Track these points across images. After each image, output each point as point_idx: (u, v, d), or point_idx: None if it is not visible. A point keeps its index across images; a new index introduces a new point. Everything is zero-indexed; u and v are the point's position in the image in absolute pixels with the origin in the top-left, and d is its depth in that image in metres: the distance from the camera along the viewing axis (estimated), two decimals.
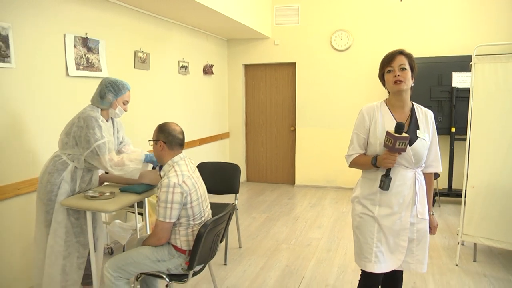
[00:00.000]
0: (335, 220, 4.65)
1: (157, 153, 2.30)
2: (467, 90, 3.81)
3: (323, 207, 5.21)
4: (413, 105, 2.06)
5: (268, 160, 6.67)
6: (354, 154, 2.06)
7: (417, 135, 1.97)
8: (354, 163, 2.08)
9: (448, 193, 5.19)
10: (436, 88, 5.14)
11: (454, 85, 5.04)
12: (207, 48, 5.81)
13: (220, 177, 3.68)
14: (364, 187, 2.08)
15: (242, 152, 6.70)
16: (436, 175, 4.89)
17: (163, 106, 4.69)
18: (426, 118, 2.04)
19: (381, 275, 2.07)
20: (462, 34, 5.37)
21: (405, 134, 1.86)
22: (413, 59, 2.00)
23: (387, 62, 1.99)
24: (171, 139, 2.25)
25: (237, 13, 4.80)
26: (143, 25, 4.24)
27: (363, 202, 2.07)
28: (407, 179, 1.97)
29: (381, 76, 2.05)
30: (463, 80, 5.00)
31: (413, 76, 2.00)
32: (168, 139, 2.24)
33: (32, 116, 2.94)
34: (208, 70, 5.71)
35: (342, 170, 5.76)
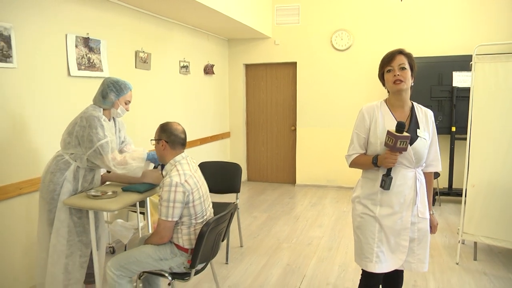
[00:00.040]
0: (336, 219, 4.66)
1: (159, 153, 2.30)
2: (467, 90, 3.82)
3: (324, 206, 5.22)
4: (413, 104, 2.06)
5: (269, 160, 6.68)
6: (355, 154, 2.06)
7: (418, 134, 1.97)
8: (354, 163, 2.07)
9: (448, 192, 5.20)
10: (436, 88, 5.15)
11: (454, 84, 5.05)
12: (208, 48, 5.82)
13: (221, 177, 3.70)
14: (364, 187, 2.08)
15: (243, 151, 6.72)
16: (436, 174, 4.90)
17: (164, 106, 4.70)
18: (426, 117, 2.04)
19: (382, 274, 2.07)
20: (463, 34, 5.38)
21: (406, 133, 1.87)
22: (413, 59, 2.00)
23: (386, 61, 1.99)
24: (173, 139, 2.26)
25: (237, 13, 4.81)
26: (144, 25, 4.25)
27: (363, 202, 2.07)
28: (408, 179, 1.97)
29: (381, 76, 2.05)
30: (463, 79, 5.01)
31: (413, 75, 2.00)
32: (170, 138, 2.25)
33: (34, 116, 2.95)
34: (209, 70, 5.72)
35: (343, 170, 5.76)
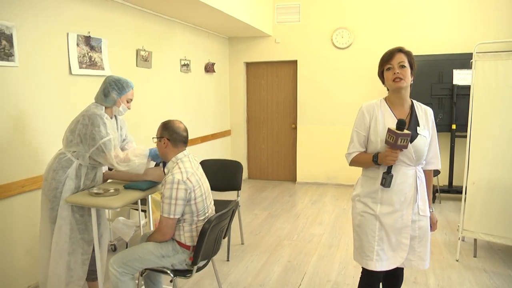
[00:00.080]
0: (336, 217, 4.68)
1: (161, 150, 2.32)
2: (467, 88, 3.83)
3: (324, 204, 5.24)
4: (412, 102, 2.06)
5: (270, 158, 6.69)
6: (355, 152, 2.05)
7: (418, 132, 1.97)
8: (354, 161, 2.07)
9: (448, 190, 5.21)
10: (437, 86, 5.16)
11: (454, 82, 5.06)
12: (209, 46, 5.82)
13: (222, 174, 3.71)
14: (365, 185, 2.08)
15: (244, 149, 6.73)
16: (436, 172, 4.92)
17: (165, 104, 4.71)
18: (426, 115, 2.04)
19: (382, 272, 2.07)
20: (463, 32, 5.38)
21: (406, 131, 1.87)
22: (412, 57, 2.00)
23: (386, 59, 1.99)
24: (175, 137, 2.27)
25: (238, 12, 4.82)
26: (145, 23, 4.26)
27: (364, 201, 2.06)
28: (408, 177, 1.97)
29: (380, 74, 2.05)
30: (463, 77, 5.02)
31: (413, 73, 2.00)
32: (172, 136, 2.26)
33: (36, 114, 2.96)
34: (209, 68, 5.73)
35: (343, 168, 5.77)
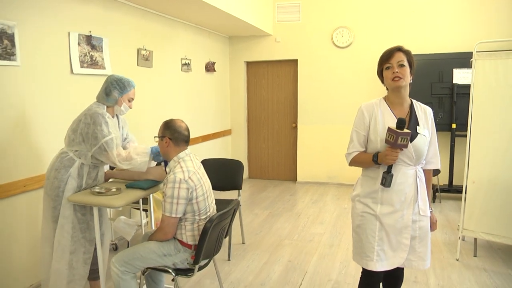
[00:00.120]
0: (337, 216, 4.69)
1: (163, 149, 2.32)
2: (467, 87, 3.84)
3: (325, 203, 5.25)
4: (412, 101, 2.06)
5: (270, 157, 6.70)
6: (354, 152, 2.05)
7: (418, 131, 1.97)
8: (354, 161, 2.06)
9: (448, 189, 5.22)
10: (437, 85, 5.17)
11: (455, 81, 5.07)
12: (209, 45, 5.83)
13: (223, 174, 3.72)
14: (365, 185, 2.07)
15: (244, 149, 6.74)
16: (437, 171, 4.93)
17: (165, 103, 4.72)
18: (425, 114, 2.03)
19: (382, 272, 2.07)
20: (463, 31, 5.39)
21: (406, 130, 1.87)
22: (412, 56, 2.00)
23: (385, 59, 1.99)
24: (177, 136, 2.28)
25: (238, 11, 4.82)
26: (146, 23, 4.26)
27: (364, 201, 2.06)
28: (409, 177, 1.97)
29: (380, 73, 2.04)
30: (463, 76, 5.03)
31: (412, 72, 2.00)
32: (174, 135, 2.27)
33: (38, 114, 2.97)
34: (210, 68, 5.74)
35: (344, 167, 5.70)
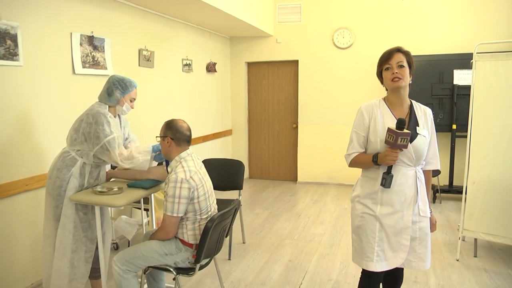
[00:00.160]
0: (337, 216, 4.70)
1: (164, 149, 2.34)
2: (468, 88, 3.84)
3: (325, 203, 5.26)
4: (411, 102, 2.06)
5: (271, 157, 6.71)
6: (354, 153, 2.05)
7: (417, 131, 1.97)
8: (354, 162, 2.06)
9: (449, 190, 5.23)
10: (437, 86, 5.18)
11: (455, 82, 5.08)
12: (210, 46, 5.84)
13: (224, 174, 3.73)
14: (364, 186, 2.07)
15: (245, 149, 6.75)
16: (437, 172, 4.94)
17: (166, 103, 4.74)
18: (425, 115, 2.04)
19: (382, 273, 2.07)
20: (463, 32, 5.40)
21: (406, 130, 1.87)
22: (411, 56, 2.00)
23: (385, 59, 1.99)
24: (179, 136, 2.29)
25: (240, 11, 4.84)
26: (147, 23, 4.28)
27: (363, 202, 2.06)
28: (408, 177, 1.97)
29: (379, 74, 2.05)
30: (464, 77, 5.04)
31: (411, 73, 2.00)
32: (176, 135, 2.29)
33: (40, 113, 2.99)
34: (211, 68, 5.75)
35: (344, 167, 5.71)
